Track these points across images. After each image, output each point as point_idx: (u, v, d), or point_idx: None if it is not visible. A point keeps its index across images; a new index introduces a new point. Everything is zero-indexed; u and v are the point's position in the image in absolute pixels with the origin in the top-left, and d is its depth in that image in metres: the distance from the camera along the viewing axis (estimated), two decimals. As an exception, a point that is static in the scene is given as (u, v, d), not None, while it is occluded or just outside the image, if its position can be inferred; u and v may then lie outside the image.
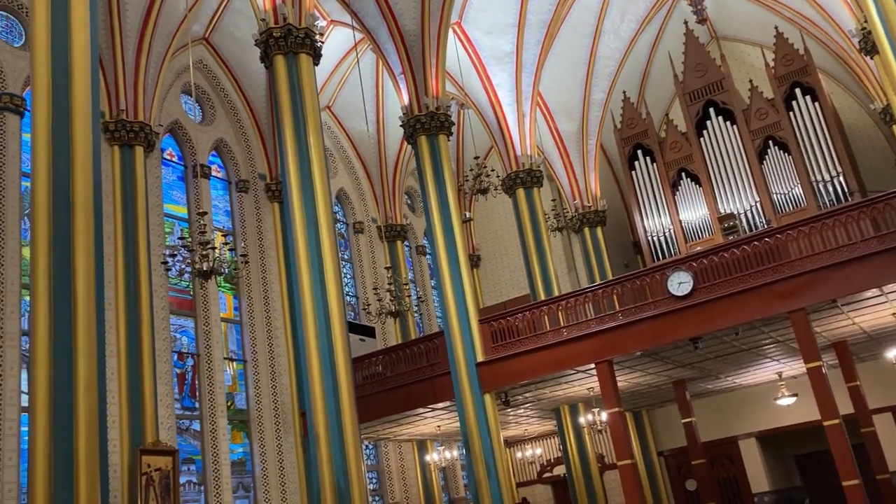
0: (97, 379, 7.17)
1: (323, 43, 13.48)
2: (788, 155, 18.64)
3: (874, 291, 12.20)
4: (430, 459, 19.93)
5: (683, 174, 20.06)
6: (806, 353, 12.13)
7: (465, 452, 14.23)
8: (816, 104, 18.49)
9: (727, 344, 14.40)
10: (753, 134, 19.17)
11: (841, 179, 17.84)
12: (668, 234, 19.94)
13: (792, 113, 18.79)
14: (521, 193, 18.34)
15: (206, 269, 10.81)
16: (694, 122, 19.99)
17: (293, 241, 11.77)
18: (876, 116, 19.85)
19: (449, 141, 15.90)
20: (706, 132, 19.85)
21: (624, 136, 21.01)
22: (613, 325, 13.47)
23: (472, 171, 18.38)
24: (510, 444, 22.69)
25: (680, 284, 12.94)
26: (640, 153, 20.70)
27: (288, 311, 17.58)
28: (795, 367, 17.05)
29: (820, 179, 18.12)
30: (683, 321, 12.85)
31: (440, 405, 15.57)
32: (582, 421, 18.13)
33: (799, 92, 18.79)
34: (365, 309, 16.82)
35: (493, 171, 18.88)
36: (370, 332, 19.19)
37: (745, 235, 15.52)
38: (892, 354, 16.42)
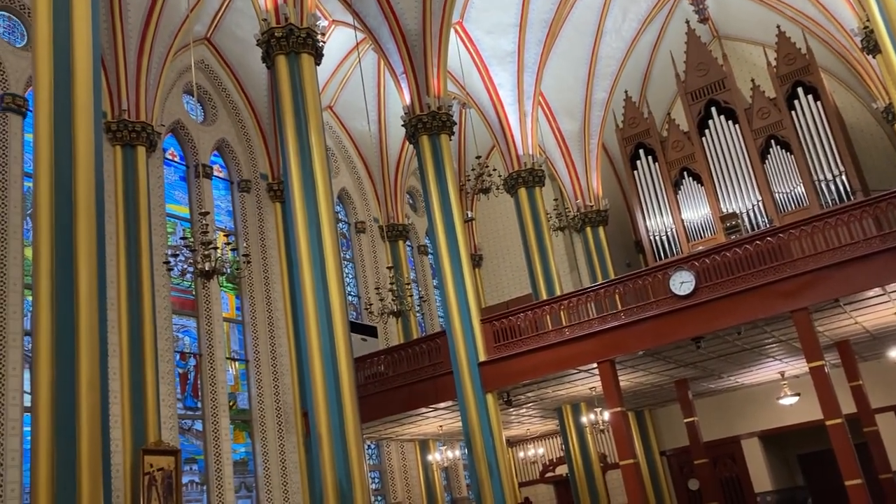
0: (99, 379, 7.18)
1: (324, 43, 13.47)
2: (790, 154, 18.63)
3: (877, 291, 12.19)
4: (432, 459, 19.92)
5: (685, 173, 20.06)
6: (808, 352, 12.12)
7: (467, 452, 14.22)
8: (818, 103, 18.48)
9: (729, 343, 14.38)
10: (755, 133, 19.16)
11: (843, 178, 17.81)
12: (670, 233, 19.93)
13: (794, 112, 18.78)
14: (522, 193, 18.32)
15: (208, 268, 10.85)
16: (696, 121, 19.98)
17: (295, 240, 11.77)
18: (878, 115, 19.83)
19: (451, 140, 15.91)
20: (708, 131, 19.85)
21: (626, 135, 21.01)
22: (615, 324, 13.46)
23: (473, 170, 18.37)
24: (512, 443, 22.69)
25: (682, 284, 12.94)
26: (641, 152, 20.70)
27: (290, 310, 17.60)
28: (798, 366, 17.04)
29: (822, 178, 18.10)
30: (685, 321, 12.85)
31: (442, 405, 15.58)
32: (584, 420, 18.10)
33: (801, 91, 18.77)
34: (367, 309, 16.80)
35: (494, 170, 18.90)
36: (372, 331, 19.20)
37: (747, 235, 15.48)
38: (894, 353, 16.42)
